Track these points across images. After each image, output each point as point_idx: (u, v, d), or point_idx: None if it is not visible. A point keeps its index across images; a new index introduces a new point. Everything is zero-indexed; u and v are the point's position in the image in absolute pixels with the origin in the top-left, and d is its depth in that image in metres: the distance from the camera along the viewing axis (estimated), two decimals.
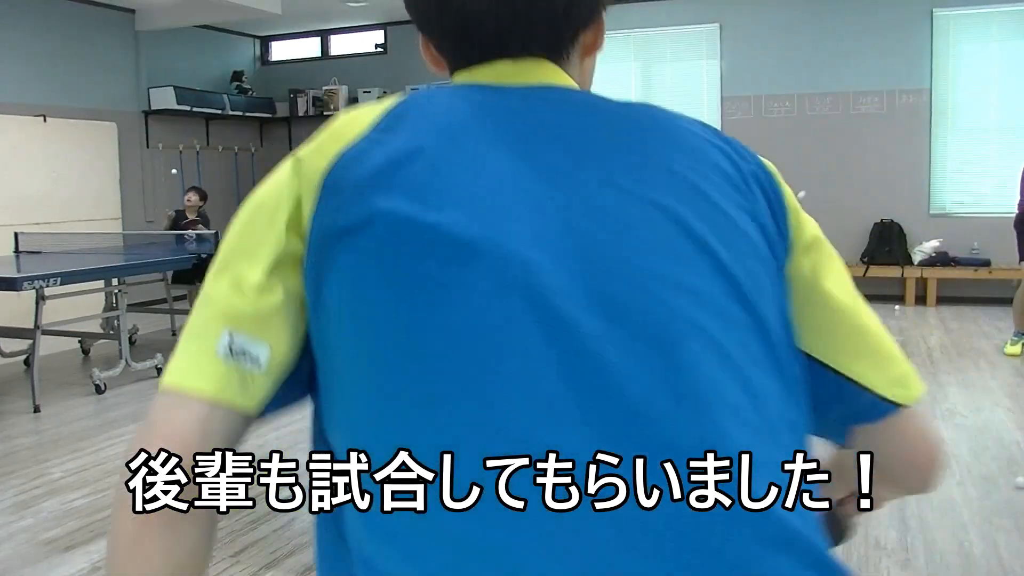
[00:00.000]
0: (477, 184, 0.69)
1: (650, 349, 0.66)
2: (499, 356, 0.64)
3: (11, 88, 7.46)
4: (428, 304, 0.65)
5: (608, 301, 0.66)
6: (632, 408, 0.65)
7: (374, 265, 0.67)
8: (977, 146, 7.92)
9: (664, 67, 8.79)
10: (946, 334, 6.46)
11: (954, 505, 3.13)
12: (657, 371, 0.65)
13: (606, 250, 0.68)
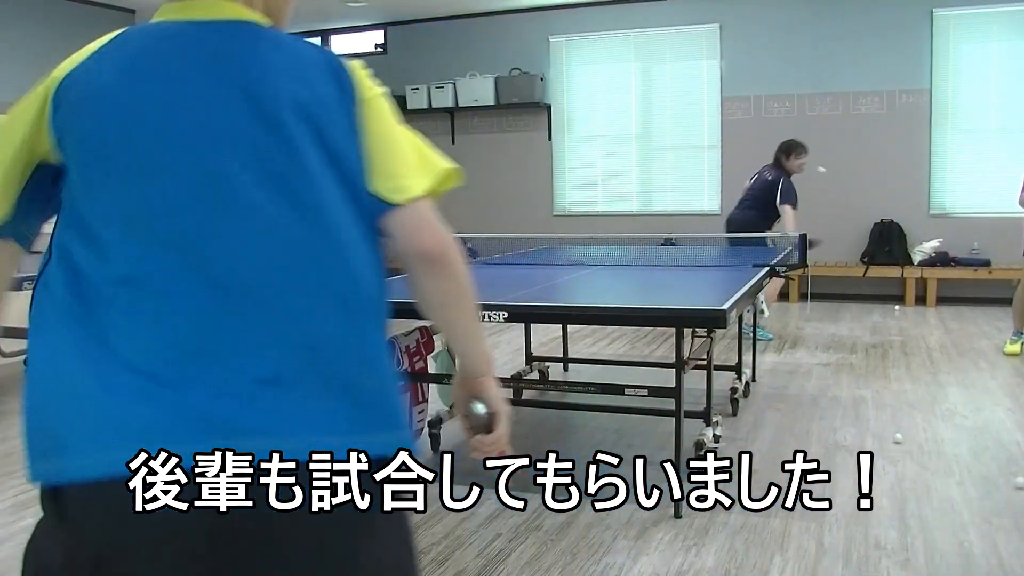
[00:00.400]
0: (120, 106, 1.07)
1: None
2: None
3: (11, 88, 7.44)
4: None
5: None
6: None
7: (76, 142, 1.09)
8: (977, 146, 7.92)
9: (664, 67, 8.79)
10: (946, 334, 6.47)
11: (954, 505, 3.13)
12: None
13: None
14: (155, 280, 1.05)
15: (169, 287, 1.04)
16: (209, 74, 1.08)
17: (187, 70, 1.08)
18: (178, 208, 1.05)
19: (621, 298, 3.57)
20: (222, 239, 1.04)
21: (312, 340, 1.07)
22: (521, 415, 4.48)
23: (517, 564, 2.72)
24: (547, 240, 6.11)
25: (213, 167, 1.05)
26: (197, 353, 1.03)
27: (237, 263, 1.05)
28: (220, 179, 1.05)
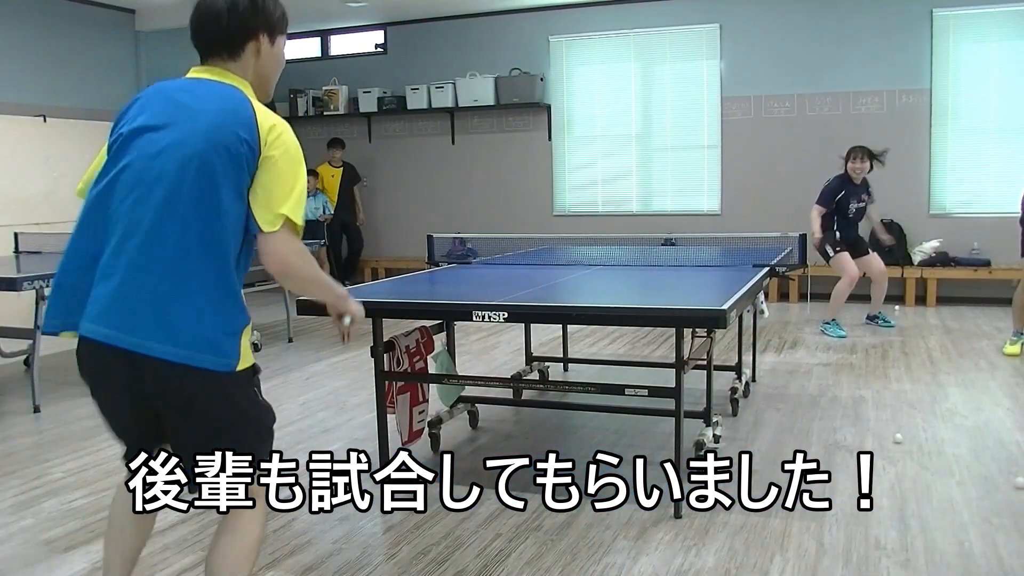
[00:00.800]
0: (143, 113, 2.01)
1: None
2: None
3: (11, 88, 7.46)
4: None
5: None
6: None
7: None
8: (977, 146, 7.92)
9: (664, 67, 8.79)
10: (946, 334, 6.47)
11: (954, 505, 3.13)
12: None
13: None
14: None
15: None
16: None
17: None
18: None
19: (621, 298, 3.57)
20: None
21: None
22: (521, 415, 4.48)
23: (517, 564, 2.72)
24: (547, 240, 6.11)
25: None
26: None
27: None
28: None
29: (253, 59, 2.05)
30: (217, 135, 1.87)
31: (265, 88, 2.10)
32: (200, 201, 1.85)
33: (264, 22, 2.04)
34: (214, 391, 1.90)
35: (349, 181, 9.49)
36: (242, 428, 1.98)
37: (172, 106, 1.98)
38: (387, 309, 3.33)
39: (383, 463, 3.48)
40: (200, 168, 1.85)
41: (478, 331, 6.80)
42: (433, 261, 4.91)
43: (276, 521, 3.12)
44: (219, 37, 2.03)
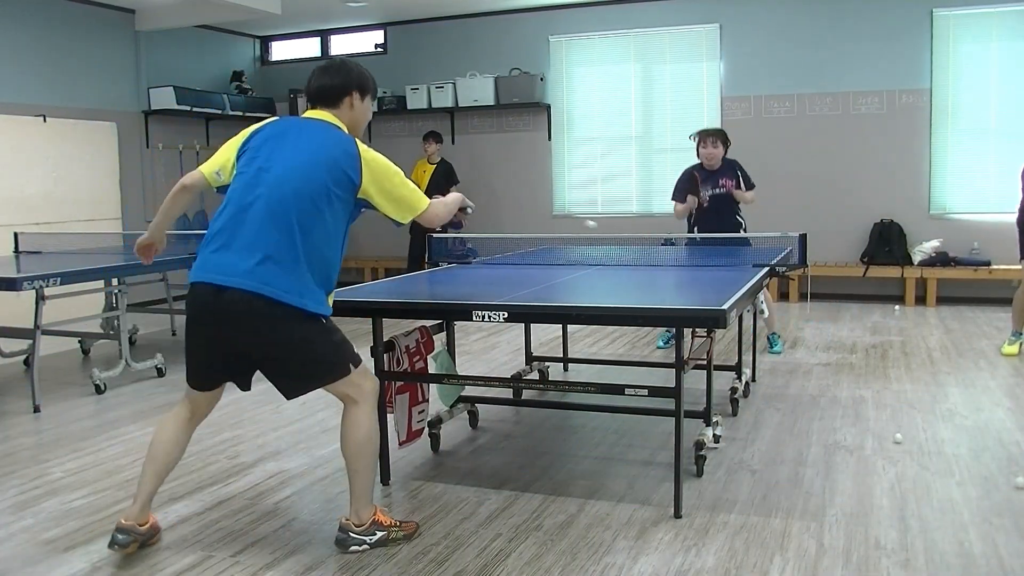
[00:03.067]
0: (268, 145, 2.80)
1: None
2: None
3: (11, 88, 7.45)
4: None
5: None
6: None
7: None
8: (977, 146, 7.92)
9: (664, 67, 8.79)
10: (946, 334, 6.47)
11: (954, 505, 3.13)
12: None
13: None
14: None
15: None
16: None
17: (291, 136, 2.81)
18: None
19: (621, 298, 3.57)
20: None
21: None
22: (521, 415, 4.48)
23: (517, 564, 2.72)
24: (547, 240, 6.10)
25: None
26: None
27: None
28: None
29: (349, 108, 2.90)
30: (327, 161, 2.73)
31: (356, 128, 2.93)
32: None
33: (358, 84, 2.93)
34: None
35: (443, 180, 8.52)
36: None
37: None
38: (387, 309, 3.33)
39: (383, 463, 3.49)
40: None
41: (478, 331, 6.80)
42: (433, 261, 4.91)
43: (276, 520, 3.13)
44: (323, 93, 2.90)
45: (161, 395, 5.06)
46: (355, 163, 2.71)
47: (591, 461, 3.71)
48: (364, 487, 2.83)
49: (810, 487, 3.34)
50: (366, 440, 2.79)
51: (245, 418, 4.52)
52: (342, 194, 2.70)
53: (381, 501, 3.31)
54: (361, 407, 2.79)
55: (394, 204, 2.79)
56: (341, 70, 2.90)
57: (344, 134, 2.79)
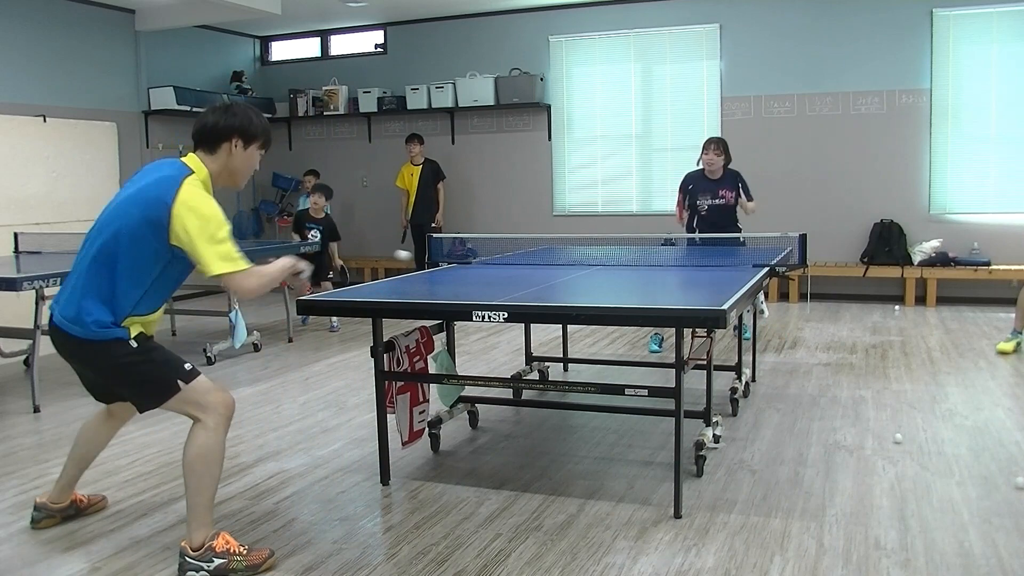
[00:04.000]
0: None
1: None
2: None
3: (11, 88, 7.45)
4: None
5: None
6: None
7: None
8: (977, 146, 7.92)
9: (664, 67, 8.79)
10: (946, 334, 6.47)
11: (954, 505, 3.13)
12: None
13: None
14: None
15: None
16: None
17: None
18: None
19: (621, 298, 3.57)
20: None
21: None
22: (521, 415, 4.48)
23: (517, 564, 2.72)
24: (547, 240, 6.10)
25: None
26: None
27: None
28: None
29: (227, 153, 2.77)
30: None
31: (235, 178, 2.85)
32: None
33: (239, 129, 2.77)
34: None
35: (431, 179, 8.77)
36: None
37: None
38: (387, 309, 3.33)
39: (383, 463, 3.49)
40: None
41: (478, 331, 6.80)
42: (433, 261, 4.91)
43: (276, 521, 3.13)
44: (202, 135, 2.77)
45: None
46: (166, 207, 2.56)
47: (591, 461, 3.71)
48: (197, 506, 2.67)
49: (810, 487, 3.34)
50: (198, 457, 2.65)
51: (245, 418, 4.52)
52: (151, 236, 2.59)
53: (381, 501, 3.31)
54: (201, 423, 2.68)
55: (201, 255, 2.58)
56: (227, 113, 2.77)
57: (180, 175, 2.64)
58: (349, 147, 10.16)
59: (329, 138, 10.28)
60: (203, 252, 2.58)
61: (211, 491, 2.70)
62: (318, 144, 10.32)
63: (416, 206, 8.78)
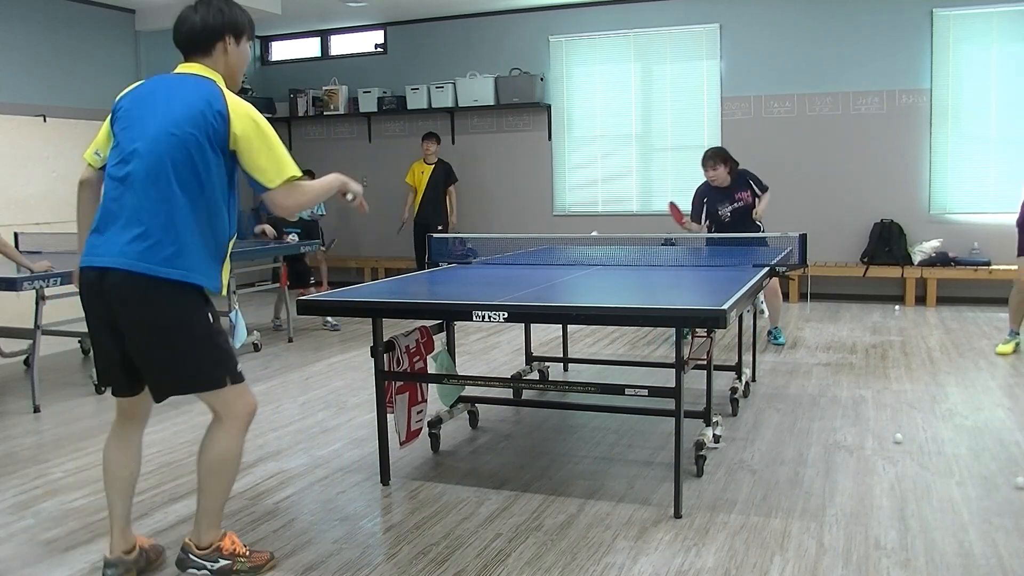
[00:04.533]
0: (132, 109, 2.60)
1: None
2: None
3: (11, 88, 7.45)
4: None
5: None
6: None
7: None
8: (977, 146, 7.92)
9: (664, 67, 8.79)
10: (946, 334, 6.47)
11: (954, 505, 3.13)
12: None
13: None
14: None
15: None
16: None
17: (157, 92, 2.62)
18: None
19: (621, 298, 3.57)
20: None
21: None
22: (521, 415, 4.48)
23: (517, 564, 2.72)
24: (547, 240, 6.11)
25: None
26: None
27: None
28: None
29: (223, 55, 2.65)
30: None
31: (234, 78, 2.68)
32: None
33: (230, 26, 2.65)
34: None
35: (442, 181, 8.72)
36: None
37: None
38: (387, 309, 3.33)
39: (383, 463, 3.49)
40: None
41: (478, 331, 6.80)
42: (433, 261, 4.91)
43: (276, 521, 3.13)
44: (193, 40, 2.68)
45: None
46: (222, 112, 2.47)
47: (591, 461, 3.71)
48: (210, 508, 2.61)
49: (810, 487, 3.34)
50: (220, 460, 2.56)
51: None
52: (214, 149, 2.46)
53: (381, 501, 3.31)
54: (225, 425, 2.56)
55: (260, 162, 2.49)
56: (208, 10, 2.64)
57: (211, 85, 2.54)
58: (349, 147, 10.16)
59: (329, 138, 10.28)
60: (265, 160, 2.49)
61: (226, 494, 2.64)
62: (318, 144, 10.32)
63: (423, 205, 8.71)
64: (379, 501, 3.31)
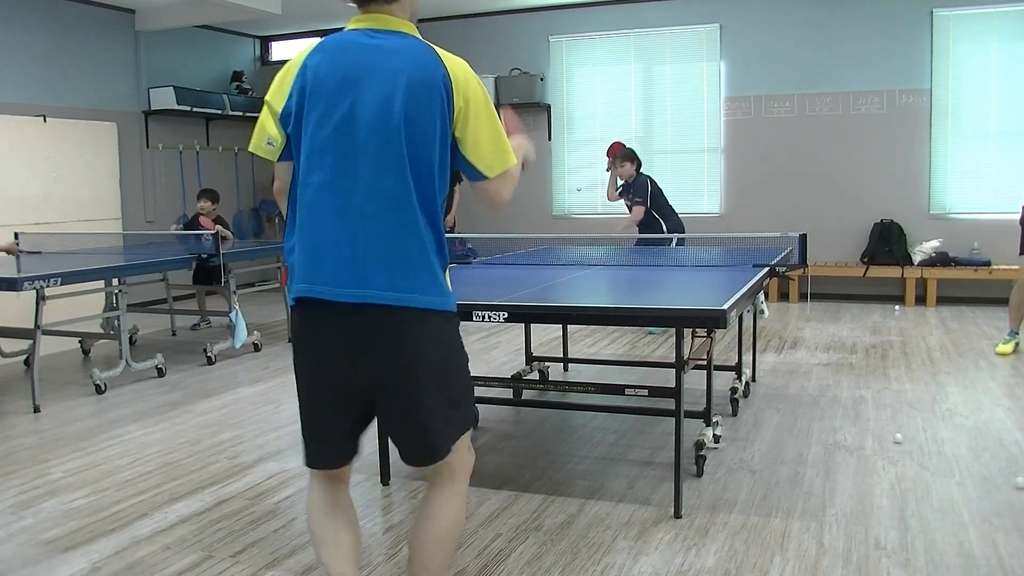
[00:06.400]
0: (327, 72, 1.91)
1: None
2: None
3: (11, 88, 7.45)
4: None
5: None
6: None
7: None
8: (977, 146, 7.92)
9: (664, 67, 8.79)
10: (946, 334, 6.47)
11: (954, 505, 3.13)
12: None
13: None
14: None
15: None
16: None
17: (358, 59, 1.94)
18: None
19: (621, 298, 3.57)
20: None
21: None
22: (521, 415, 4.48)
23: (517, 564, 2.72)
24: (547, 240, 6.11)
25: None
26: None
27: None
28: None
29: (407, 2, 2.00)
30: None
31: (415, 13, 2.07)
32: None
33: None
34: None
35: (450, 180, 8.85)
36: None
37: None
38: None
39: (383, 463, 3.49)
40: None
41: (478, 331, 6.80)
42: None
43: (276, 521, 3.13)
44: None
45: (161, 395, 5.05)
46: (447, 83, 1.89)
47: (591, 461, 3.71)
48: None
49: (810, 487, 3.34)
50: (454, 529, 2.06)
51: (245, 418, 4.52)
52: (443, 133, 1.91)
53: (381, 501, 3.31)
54: (456, 485, 2.06)
55: (484, 146, 1.95)
56: None
57: (425, 45, 1.95)
58: None
59: None
60: (494, 139, 1.96)
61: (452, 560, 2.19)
62: None
63: None
64: (379, 501, 3.31)
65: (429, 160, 1.89)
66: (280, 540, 2.95)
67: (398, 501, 3.32)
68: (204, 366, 5.76)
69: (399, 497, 3.36)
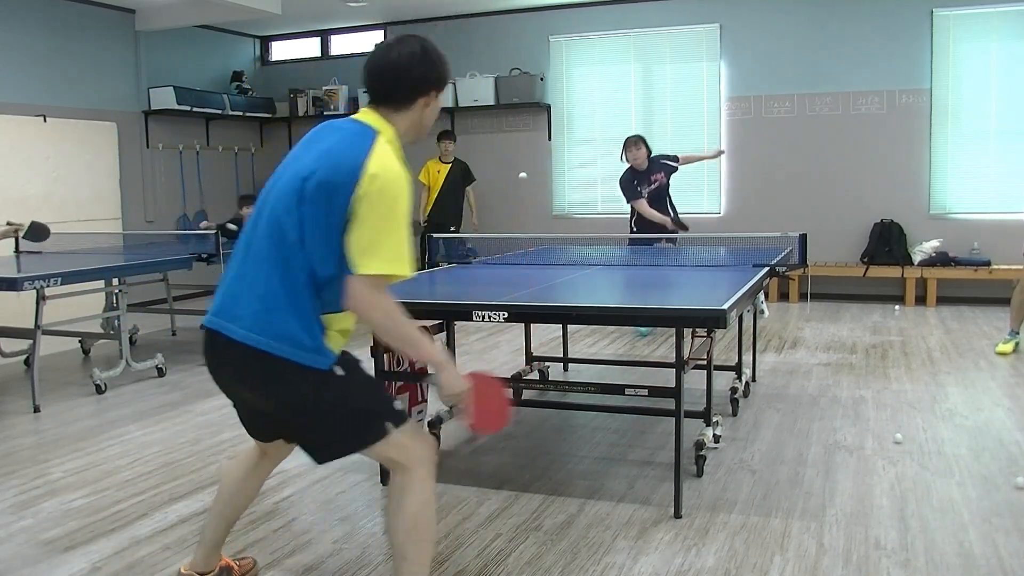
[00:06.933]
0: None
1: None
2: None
3: (11, 88, 7.45)
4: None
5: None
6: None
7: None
8: (977, 146, 7.92)
9: (664, 67, 8.78)
10: (946, 334, 6.47)
11: (954, 505, 3.13)
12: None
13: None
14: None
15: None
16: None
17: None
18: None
19: (621, 298, 3.57)
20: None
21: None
22: (521, 415, 4.48)
23: (517, 564, 2.72)
24: (547, 240, 6.11)
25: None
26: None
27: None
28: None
29: (420, 109, 2.18)
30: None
31: (422, 132, 2.24)
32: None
33: (437, 80, 2.18)
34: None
35: (459, 181, 8.53)
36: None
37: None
38: None
39: (382, 464, 3.48)
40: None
41: (478, 331, 6.80)
42: (433, 261, 4.91)
43: (276, 521, 3.13)
44: (382, 96, 2.16)
45: (161, 395, 5.05)
46: (359, 170, 1.99)
47: (591, 461, 3.71)
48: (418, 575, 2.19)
49: (810, 487, 3.34)
50: (417, 521, 2.16)
51: None
52: (336, 204, 2.00)
53: (381, 502, 3.31)
54: (409, 476, 2.17)
55: (363, 236, 1.99)
56: (422, 59, 2.14)
57: (362, 134, 2.09)
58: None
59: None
60: (375, 240, 1.98)
61: (430, 556, 2.23)
62: None
63: (441, 205, 8.50)
64: (379, 501, 3.31)
65: (302, 232, 2.03)
66: (280, 540, 2.95)
67: None
68: (204, 366, 5.75)
69: None
